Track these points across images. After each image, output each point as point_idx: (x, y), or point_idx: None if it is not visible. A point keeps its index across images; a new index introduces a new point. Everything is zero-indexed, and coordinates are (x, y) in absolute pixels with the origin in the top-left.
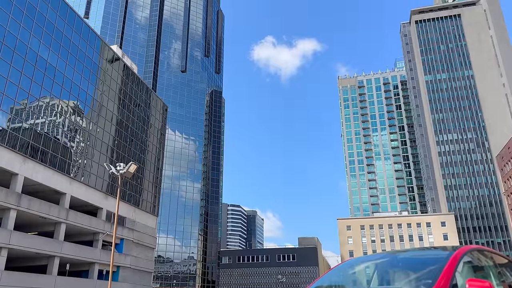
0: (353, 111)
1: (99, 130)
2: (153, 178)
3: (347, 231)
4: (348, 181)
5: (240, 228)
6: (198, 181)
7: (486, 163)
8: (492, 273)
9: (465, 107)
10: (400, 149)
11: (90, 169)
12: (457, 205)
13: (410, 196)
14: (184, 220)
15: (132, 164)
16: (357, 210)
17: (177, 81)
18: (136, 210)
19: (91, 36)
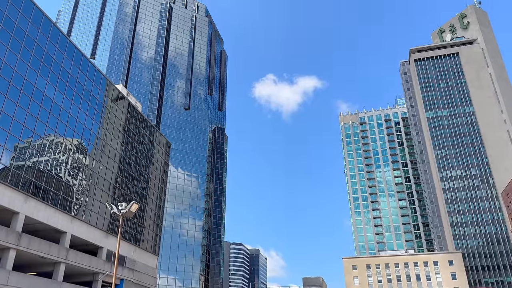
0: (355, 148)
1: (102, 168)
2: (154, 216)
3: (353, 271)
4: (353, 219)
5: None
6: (200, 219)
7: (491, 200)
8: None
9: (467, 143)
10: (404, 185)
11: (92, 207)
12: (464, 243)
13: (416, 233)
14: (185, 260)
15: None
16: (363, 249)
17: (180, 119)
18: (137, 249)
19: (97, 76)
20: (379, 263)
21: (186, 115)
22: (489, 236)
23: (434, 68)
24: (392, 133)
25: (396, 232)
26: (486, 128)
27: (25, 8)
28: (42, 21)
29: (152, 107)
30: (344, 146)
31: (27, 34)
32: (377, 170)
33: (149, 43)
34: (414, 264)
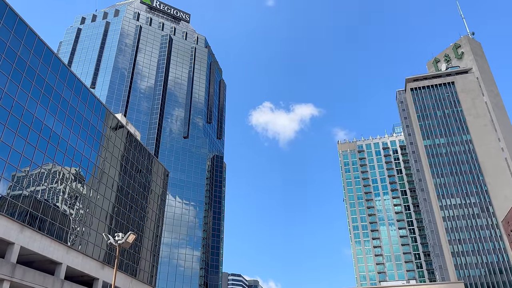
0: (354, 176)
1: (99, 197)
2: (151, 246)
3: None
4: (353, 248)
5: None
6: (197, 249)
7: (492, 228)
8: None
9: (465, 171)
10: (404, 214)
11: (88, 237)
12: (466, 273)
13: (417, 263)
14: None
15: (131, 234)
16: (364, 279)
17: (179, 147)
18: (133, 281)
19: (96, 105)
20: None
21: (185, 143)
22: (491, 266)
23: (430, 97)
24: (391, 161)
25: (397, 262)
26: (484, 156)
27: (27, 39)
28: (44, 52)
29: (151, 135)
30: (343, 174)
31: (28, 64)
32: (377, 198)
33: (149, 73)
34: None
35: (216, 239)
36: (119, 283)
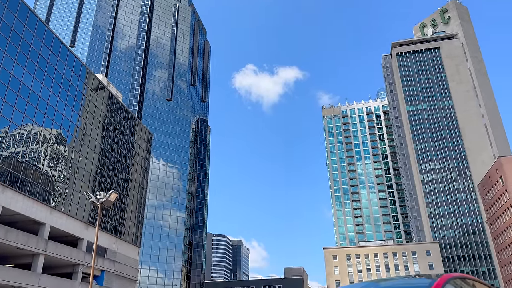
0: (337, 140)
1: (82, 159)
2: (136, 207)
3: (333, 261)
4: (334, 210)
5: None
6: (182, 210)
7: (468, 192)
8: None
9: (446, 137)
10: (384, 177)
11: (72, 199)
12: (441, 234)
13: (395, 224)
14: (167, 251)
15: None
16: (343, 239)
17: (162, 110)
18: (118, 241)
19: (76, 65)
20: (358, 253)
21: (169, 106)
22: (465, 227)
23: (415, 62)
24: (374, 126)
25: (375, 223)
26: (464, 121)
27: None
28: (19, 7)
29: (133, 97)
30: (326, 139)
31: (3, 20)
32: (358, 162)
33: (130, 31)
34: (393, 254)
35: (201, 201)
36: (104, 243)
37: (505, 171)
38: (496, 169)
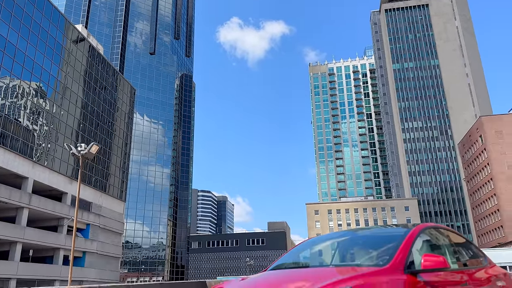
0: (323, 99)
1: (64, 113)
2: (120, 163)
3: (315, 216)
4: (317, 168)
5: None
6: (167, 167)
7: (448, 150)
8: (448, 251)
9: (430, 96)
10: (367, 136)
11: (54, 153)
12: (420, 191)
13: (375, 181)
14: (153, 206)
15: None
16: (325, 196)
17: (145, 64)
18: (103, 195)
19: (54, 15)
20: (339, 208)
21: (151, 60)
22: (444, 184)
23: (403, 20)
24: (359, 85)
25: (357, 180)
26: (449, 81)
27: None
28: None
29: (114, 50)
30: (312, 97)
31: None
32: (343, 121)
33: None
34: (373, 209)
35: (186, 157)
36: (89, 197)
37: (485, 130)
38: (477, 128)
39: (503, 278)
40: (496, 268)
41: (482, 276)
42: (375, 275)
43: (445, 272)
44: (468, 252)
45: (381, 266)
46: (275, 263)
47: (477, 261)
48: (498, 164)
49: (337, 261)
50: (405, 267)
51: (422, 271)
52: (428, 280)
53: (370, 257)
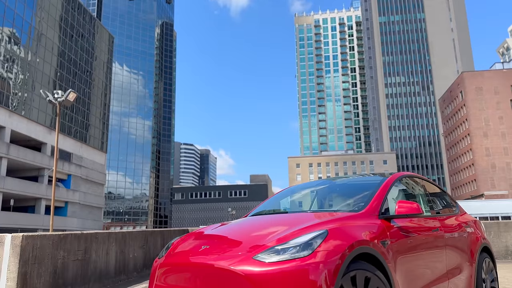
0: (308, 52)
1: (40, 61)
2: (100, 113)
3: (296, 169)
4: (300, 122)
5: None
6: (149, 119)
7: (429, 106)
8: (422, 199)
9: (414, 51)
10: (350, 90)
11: (31, 103)
12: (399, 145)
13: (356, 136)
14: (135, 158)
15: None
16: (307, 149)
17: (123, 10)
18: (83, 146)
19: None
20: (320, 162)
21: (130, 6)
22: (422, 139)
23: None
24: (345, 38)
25: (338, 134)
26: (434, 35)
27: None
28: None
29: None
30: (297, 50)
31: None
32: (327, 75)
33: None
34: (352, 163)
35: (168, 109)
36: (69, 148)
37: (466, 86)
38: (458, 84)
39: (473, 225)
40: (466, 215)
41: (453, 223)
42: (351, 219)
43: (418, 218)
44: (441, 201)
45: (357, 212)
46: (254, 210)
47: (449, 210)
48: (476, 120)
49: (315, 207)
50: (379, 213)
51: (396, 217)
52: (402, 225)
53: (347, 204)
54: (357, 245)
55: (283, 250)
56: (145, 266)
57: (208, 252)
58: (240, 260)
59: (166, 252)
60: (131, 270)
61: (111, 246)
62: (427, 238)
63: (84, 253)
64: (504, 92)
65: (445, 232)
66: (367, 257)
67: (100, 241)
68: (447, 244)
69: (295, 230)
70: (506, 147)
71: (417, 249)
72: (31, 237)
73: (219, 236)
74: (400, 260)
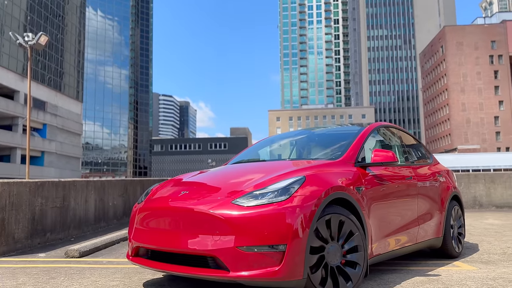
0: (291, 1)
1: (8, 3)
2: (74, 61)
3: (276, 122)
4: (281, 75)
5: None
6: (125, 68)
7: (410, 60)
8: (398, 148)
9: (398, 3)
10: (332, 43)
11: (1, 48)
12: (378, 99)
13: (337, 90)
14: (112, 108)
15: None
16: (288, 103)
17: None
18: (58, 95)
19: None
20: (300, 115)
21: None
22: (401, 93)
23: None
24: None
25: (319, 88)
26: None
27: None
28: None
29: None
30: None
31: None
32: (310, 26)
33: None
34: (331, 117)
35: (145, 58)
36: (43, 96)
37: (447, 41)
38: (439, 38)
39: (445, 175)
40: (439, 165)
41: (426, 172)
42: (328, 166)
43: (393, 166)
44: (416, 152)
45: (334, 160)
46: (234, 159)
47: (424, 160)
48: (455, 75)
49: (294, 156)
50: (356, 161)
51: (371, 165)
52: (377, 173)
53: (325, 153)
54: (332, 190)
55: (262, 195)
56: (125, 214)
57: (187, 197)
58: (220, 205)
59: (146, 197)
60: (111, 218)
61: (90, 194)
62: (400, 186)
63: (63, 201)
64: (484, 47)
65: (418, 180)
66: (342, 202)
67: (79, 189)
68: (419, 192)
69: (273, 176)
70: (481, 102)
71: (391, 196)
72: (7, 184)
73: (198, 183)
74: (374, 206)
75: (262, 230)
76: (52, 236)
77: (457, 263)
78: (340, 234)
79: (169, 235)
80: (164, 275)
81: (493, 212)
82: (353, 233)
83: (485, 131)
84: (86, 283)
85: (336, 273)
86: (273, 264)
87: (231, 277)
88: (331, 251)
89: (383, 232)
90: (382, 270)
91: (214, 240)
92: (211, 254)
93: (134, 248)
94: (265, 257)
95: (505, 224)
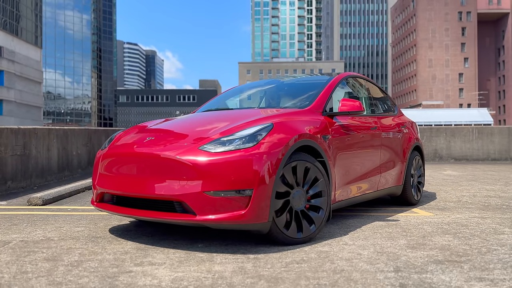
0: None
1: None
2: (31, 3)
3: (247, 75)
4: (252, 25)
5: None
6: (87, 12)
7: (381, 14)
8: (365, 100)
9: None
10: None
11: None
12: (348, 54)
13: (308, 43)
14: (74, 55)
15: None
16: (258, 55)
17: None
18: (15, 39)
19: None
20: (271, 69)
21: None
22: (371, 48)
23: None
24: None
25: (290, 41)
26: None
27: None
28: None
29: None
30: None
31: None
32: None
33: None
34: (302, 71)
35: (108, 3)
36: None
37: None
38: None
39: (409, 126)
40: (404, 117)
41: (391, 123)
42: (295, 115)
43: (359, 116)
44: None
45: (302, 109)
46: (201, 107)
47: (389, 112)
48: (424, 31)
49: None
50: (323, 110)
51: (338, 114)
52: (343, 122)
53: (293, 102)
54: (299, 138)
55: (229, 141)
56: (89, 164)
57: (153, 143)
58: (186, 150)
59: (110, 144)
60: (75, 167)
61: (52, 143)
62: (365, 136)
63: (23, 148)
64: (453, 3)
65: (383, 130)
66: (308, 150)
67: (40, 136)
68: (383, 142)
69: (241, 124)
70: (448, 59)
71: (355, 145)
72: None
73: (164, 130)
74: (339, 154)
75: (229, 176)
76: (14, 184)
77: (415, 209)
78: (305, 180)
79: (135, 181)
80: (130, 221)
81: (452, 164)
82: (317, 179)
83: (449, 87)
84: (50, 229)
85: (300, 216)
86: (239, 208)
87: (198, 220)
88: (296, 196)
89: (346, 179)
90: (344, 216)
91: (181, 185)
92: (178, 198)
93: (98, 194)
94: (232, 201)
95: (462, 175)
